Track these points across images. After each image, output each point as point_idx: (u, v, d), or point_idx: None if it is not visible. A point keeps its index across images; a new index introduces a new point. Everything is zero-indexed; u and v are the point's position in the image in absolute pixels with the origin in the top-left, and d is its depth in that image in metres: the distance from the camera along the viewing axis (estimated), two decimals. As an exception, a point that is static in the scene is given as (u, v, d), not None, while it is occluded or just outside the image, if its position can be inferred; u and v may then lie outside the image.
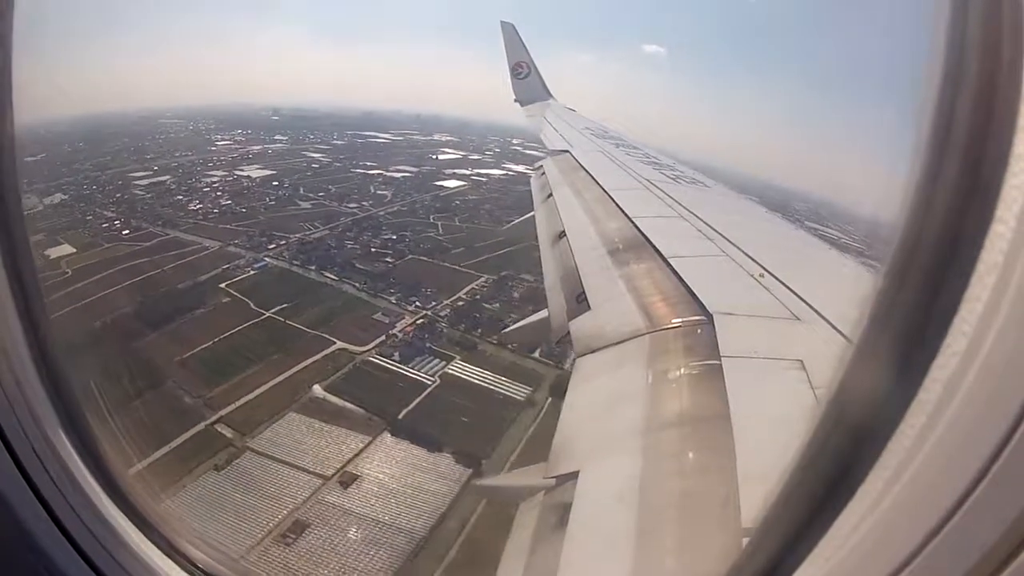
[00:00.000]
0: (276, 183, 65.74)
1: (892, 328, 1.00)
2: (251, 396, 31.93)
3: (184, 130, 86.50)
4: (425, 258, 52.62)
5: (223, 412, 30.51)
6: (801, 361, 3.16)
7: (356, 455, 28.47)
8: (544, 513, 2.67)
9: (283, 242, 50.22)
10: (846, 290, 4.46)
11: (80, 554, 1.55)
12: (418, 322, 41.44)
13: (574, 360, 4.00)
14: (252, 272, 45.20)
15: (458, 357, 37.94)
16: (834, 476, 1.05)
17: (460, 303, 44.81)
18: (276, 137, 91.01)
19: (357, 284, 45.58)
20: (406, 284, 46.31)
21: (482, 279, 49.21)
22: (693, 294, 4.14)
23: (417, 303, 43.84)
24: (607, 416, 3.25)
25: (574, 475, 2.74)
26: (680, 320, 3.93)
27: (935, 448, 0.89)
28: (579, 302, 4.77)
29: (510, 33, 19.82)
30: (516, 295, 47.54)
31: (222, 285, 42.79)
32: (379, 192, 70.09)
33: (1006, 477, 0.81)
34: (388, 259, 50.74)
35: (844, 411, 1.08)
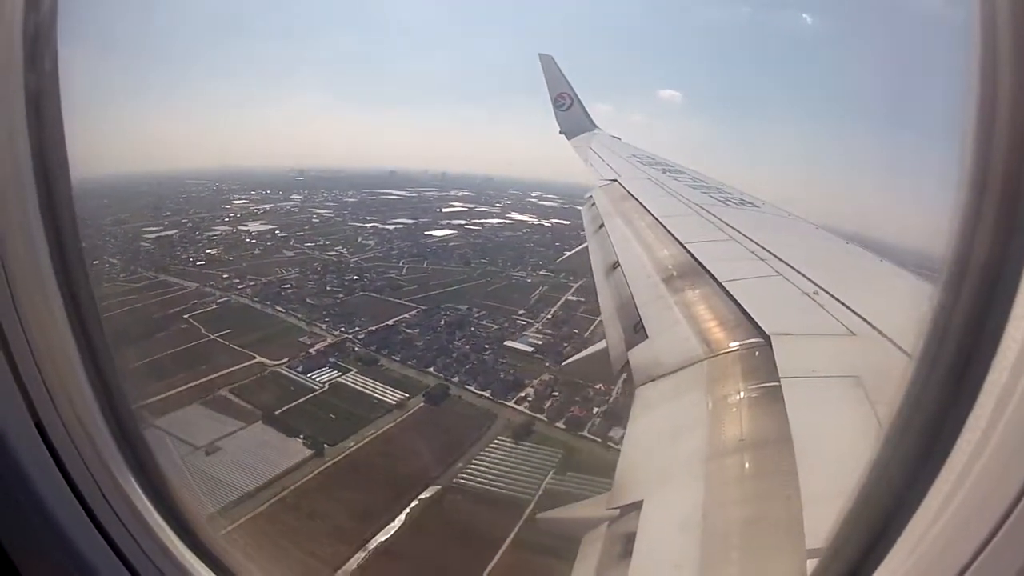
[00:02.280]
0: (270, 236, 78.56)
1: (949, 341, 1.12)
2: (172, 392, 42.15)
3: (207, 190, 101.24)
4: (374, 294, 62.31)
5: (147, 401, 41.04)
6: (858, 377, 3.29)
7: (227, 435, 37.72)
8: (608, 544, 2.78)
9: (252, 283, 61.64)
10: (900, 302, 4.72)
11: (124, 563, 1.63)
12: (335, 342, 50.98)
13: (633, 390, 4.20)
14: (215, 306, 56.51)
15: (355, 370, 46.73)
16: (900, 489, 1.18)
17: (381, 328, 54.01)
18: (292, 196, 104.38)
19: (299, 315, 55.82)
20: (342, 314, 55.94)
21: (415, 310, 58.38)
22: (749, 316, 4.33)
23: (343, 328, 53.48)
24: (668, 444, 3.41)
25: (638, 505, 2.86)
26: (737, 344, 4.09)
27: (991, 459, 1.00)
28: (636, 331, 4.97)
29: (549, 65, 20.55)
30: (442, 323, 56.28)
31: (185, 316, 54.40)
32: (364, 242, 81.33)
33: None
34: (339, 295, 61.00)
35: (907, 425, 1.20)
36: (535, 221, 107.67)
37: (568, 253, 12.28)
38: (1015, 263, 1.03)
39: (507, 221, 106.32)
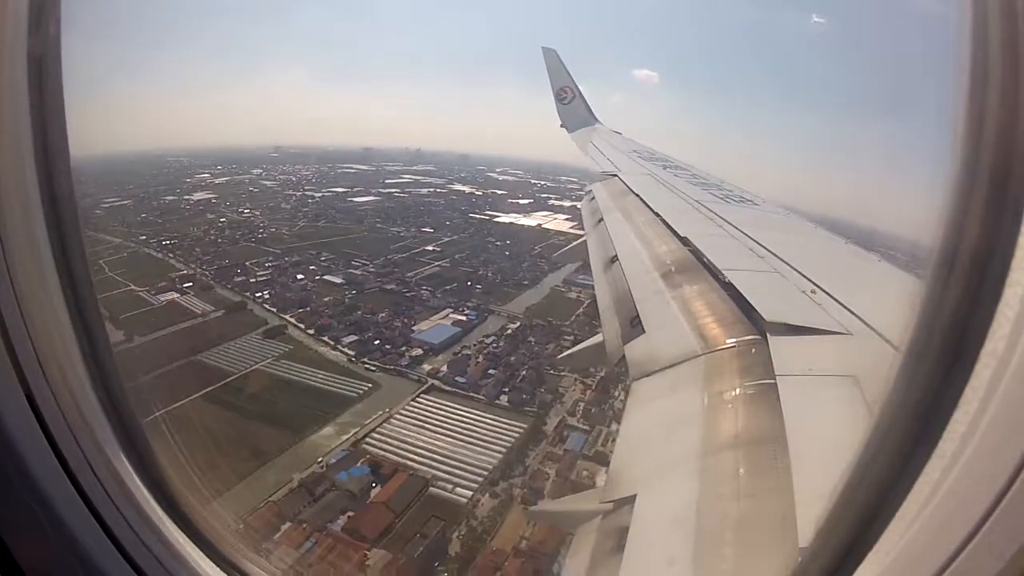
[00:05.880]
0: (204, 203, 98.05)
1: (934, 337, 1.17)
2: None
3: (179, 166, 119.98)
4: (252, 244, 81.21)
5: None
6: (855, 376, 3.36)
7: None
8: (601, 537, 2.91)
9: (162, 238, 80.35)
10: (897, 302, 4.66)
11: (130, 564, 1.71)
12: (189, 275, 70.01)
13: (629, 384, 4.40)
14: (125, 255, 76.50)
15: (191, 293, 65.62)
16: (886, 482, 1.23)
17: (232, 266, 72.50)
18: (252, 170, 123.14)
19: (181, 260, 75.07)
20: (214, 257, 75.04)
21: (271, 255, 76.87)
22: (746, 313, 4.48)
23: (204, 267, 72.31)
24: (663, 439, 3.53)
25: (631, 499, 2.97)
26: (734, 340, 4.23)
27: (977, 450, 1.04)
28: (633, 326, 5.13)
29: (552, 59, 21.01)
30: (287, 264, 74.27)
31: (100, 261, 74.54)
32: (283, 206, 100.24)
33: None
34: (223, 245, 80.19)
35: (895, 419, 1.24)
36: (469, 191, 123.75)
37: (564, 249, 11.92)
38: (1002, 258, 1.07)
39: (439, 190, 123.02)
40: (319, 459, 40.47)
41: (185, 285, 67.63)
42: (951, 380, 1.12)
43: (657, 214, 8.18)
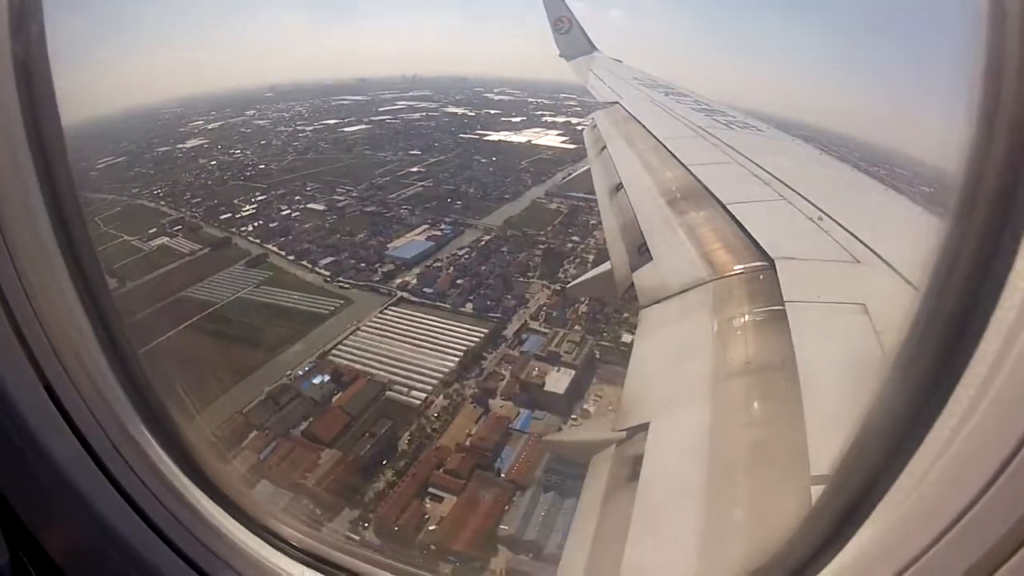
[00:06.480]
0: (196, 149, 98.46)
1: (955, 273, 1.11)
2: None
3: (172, 116, 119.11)
4: (241, 182, 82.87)
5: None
6: (864, 304, 3.36)
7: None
8: (616, 466, 2.92)
9: (154, 188, 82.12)
10: (905, 231, 4.79)
11: (169, 544, 1.69)
12: (178, 219, 72.44)
13: (638, 311, 4.36)
14: (118, 208, 78.70)
15: (180, 236, 67.88)
16: (906, 421, 1.18)
17: (218, 205, 74.48)
18: (246, 112, 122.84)
19: (172, 206, 77.17)
20: (203, 199, 76.97)
21: (259, 189, 78.70)
22: (753, 240, 4.47)
23: (192, 210, 74.45)
24: (674, 366, 3.57)
25: (644, 427, 2.99)
26: (742, 267, 4.22)
27: (998, 397, 0.99)
28: (641, 253, 5.18)
29: None
30: (275, 199, 75.91)
31: (95, 218, 77.01)
32: (274, 142, 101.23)
33: None
34: (211, 186, 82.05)
35: (915, 356, 1.20)
36: (462, 112, 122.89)
37: (567, 178, 12.85)
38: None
39: (432, 114, 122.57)
40: (288, 372, 43.06)
41: (175, 228, 70.00)
42: (971, 319, 1.08)
43: (660, 141, 8.15)
